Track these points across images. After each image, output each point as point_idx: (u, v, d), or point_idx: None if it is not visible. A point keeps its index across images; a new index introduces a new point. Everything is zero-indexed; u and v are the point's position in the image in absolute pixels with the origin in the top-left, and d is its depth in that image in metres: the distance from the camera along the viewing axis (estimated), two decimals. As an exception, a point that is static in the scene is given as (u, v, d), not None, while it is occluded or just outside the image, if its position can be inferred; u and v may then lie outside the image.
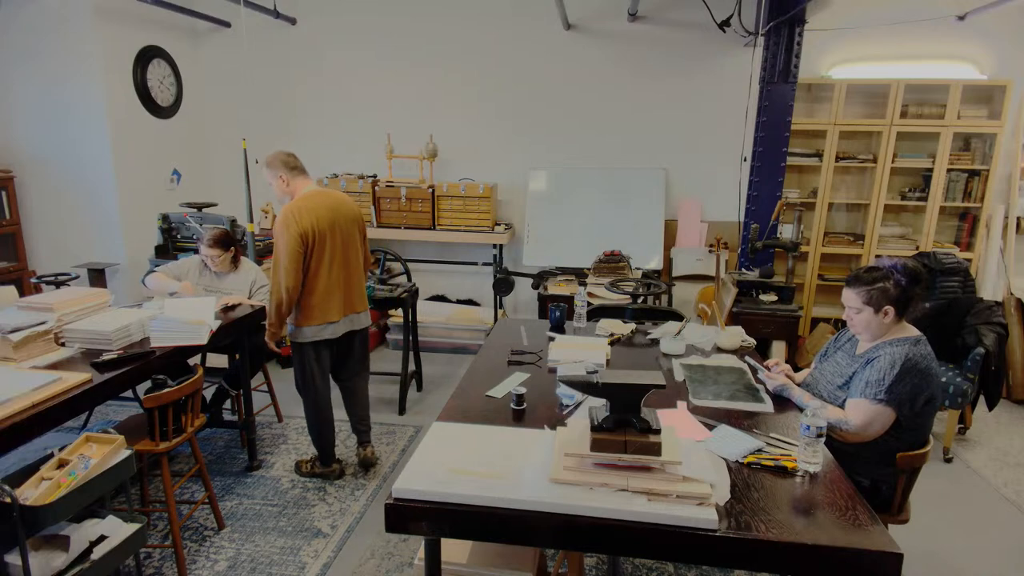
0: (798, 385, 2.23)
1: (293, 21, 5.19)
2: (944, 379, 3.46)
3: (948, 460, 3.53)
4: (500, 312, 5.21)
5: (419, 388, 4.42)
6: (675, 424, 1.78)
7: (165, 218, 4.52)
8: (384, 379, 4.50)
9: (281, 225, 2.74)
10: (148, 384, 2.56)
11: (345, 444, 3.59)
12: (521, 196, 5.22)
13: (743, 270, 4.34)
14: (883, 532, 1.43)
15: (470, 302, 5.47)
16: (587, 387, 1.63)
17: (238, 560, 2.60)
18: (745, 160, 4.59)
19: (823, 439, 1.68)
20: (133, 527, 2.12)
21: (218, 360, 3.93)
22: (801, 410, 2.07)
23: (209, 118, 5.47)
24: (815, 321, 4.83)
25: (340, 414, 3.32)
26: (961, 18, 4.45)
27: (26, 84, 4.54)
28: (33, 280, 4.31)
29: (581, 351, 2.55)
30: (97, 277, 4.52)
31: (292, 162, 2.87)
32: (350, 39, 5.18)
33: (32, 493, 1.89)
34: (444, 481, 1.56)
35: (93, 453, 2.12)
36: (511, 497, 1.49)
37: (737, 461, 1.71)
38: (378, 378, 4.54)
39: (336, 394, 3.25)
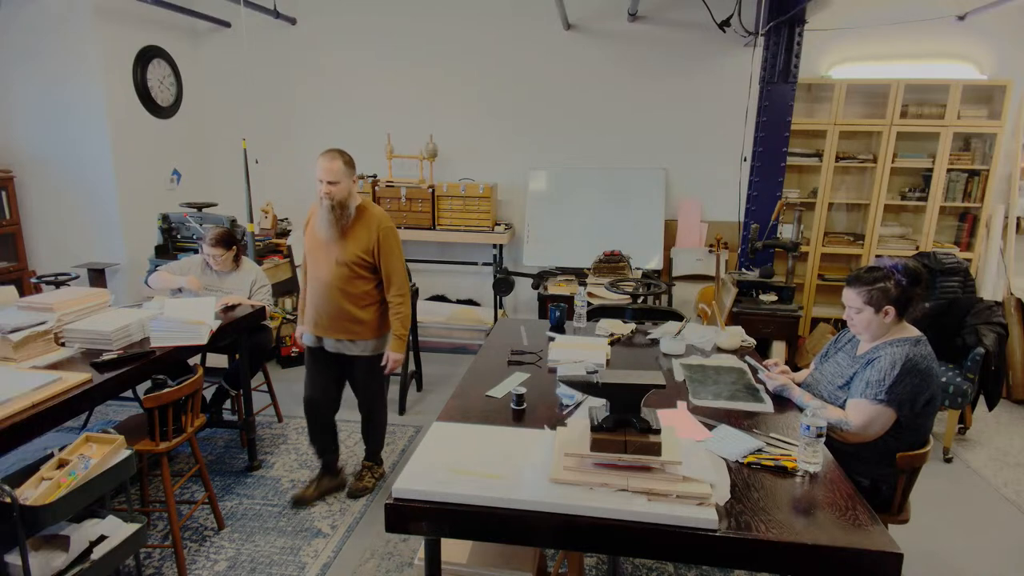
0: (798, 385, 2.23)
1: (293, 21, 5.19)
2: (944, 379, 3.46)
3: (948, 460, 3.53)
4: (500, 312, 5.21)
5: (419, 388, 4.42)
6: (675, 424, 1.78)
7: (165, 218, 4.52)
8: (384, 379, 4.50)
9: (392, 229, 2.73)
10: (148, 384, 2.56)
11: (345, 444, 3.59)
12: (521, 196, 5.22)
13: (743, 270, 4.34)
14: (883, 532, 1.43)
15: (470, 302, 5.47)
16: (587, 387, 1.63)
17: (238, 560, 2.60)
18: (745, 160, 4.59)
19: (823, 439, 1.68)
20: (133, 527, 2.12)
21: (218, 360, 3.93)
22: (801, 410, 2.07)
23: (209, 118, 5.47)
24: (815, 321, 4.83)
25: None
26: (961, 18, 4.45)
27: (26, 84, 4.54)
28: (33, 280, 4.31)
29: (581, 351, 2.55)
30: (97, 277, 4.52)
31: None
32: (350, 39, 5.18)
33: (32, 493, 1.89)
34: (444, 481, 1.56)
35: (93, 453, 2.12)
36: (511, 497, 1.49)
37: (737, 461, 1.71)
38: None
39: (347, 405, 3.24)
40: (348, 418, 3.98)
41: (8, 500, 1.76)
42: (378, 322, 2.82)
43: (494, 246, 5.14)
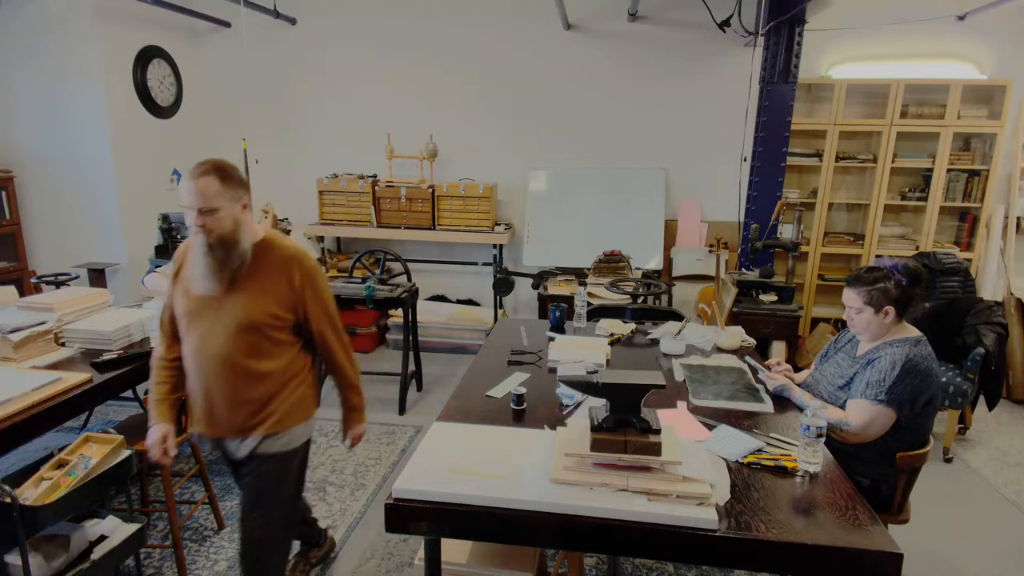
0: (798, 386, 2.23)
1: (293, 21, 5.19)
2: (944, 379, 3.46)
3: (948, 460, 3.53)
4: (500, 312, 5.21)
5: (419, 388, 4.42)
6: (675, 424, 1.78)
7: (165, 218, 4.52)
8: (384, 379, 4.50)
9: (318, 269, 1.90)
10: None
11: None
12: (521, 196, 5.22)
13: (743, 270, 4.34)
14: (883, 532, 1.43)
15: (470, 302, 5.47)
16: (587, 387, 1.63)
17: (238, 560, 2.59)
18: (745, 160, 4.59)
19: (823, 439, 1.68)
20: (133, 527, 2.12)
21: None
22: (801, 410, 2.07)
23: (209, 118, 5.47)
24: (815, 321, 4.83)
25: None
26: (961, 18, 4.45)
27: (26, 84, 4.54)
28: (33, 280, 4.31)
29: (581, 351, 2.55)
30: (97, 277, 4.52)
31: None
32: (350, 39, 5.18)
33: (32, 493, 1.89)
34: (444, 481, 1.56)
35: (93, 453, 2.12)
36: (511, 497, 1.49)
37: (737, 461, 1.71)
38: (378, 378, 4.54)
39: None
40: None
41: (8, 500, 1.76)
42: (303, 400, 1.94)
43: (494, 246, 5.14)
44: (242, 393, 1.83)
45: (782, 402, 2.15)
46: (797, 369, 2.49)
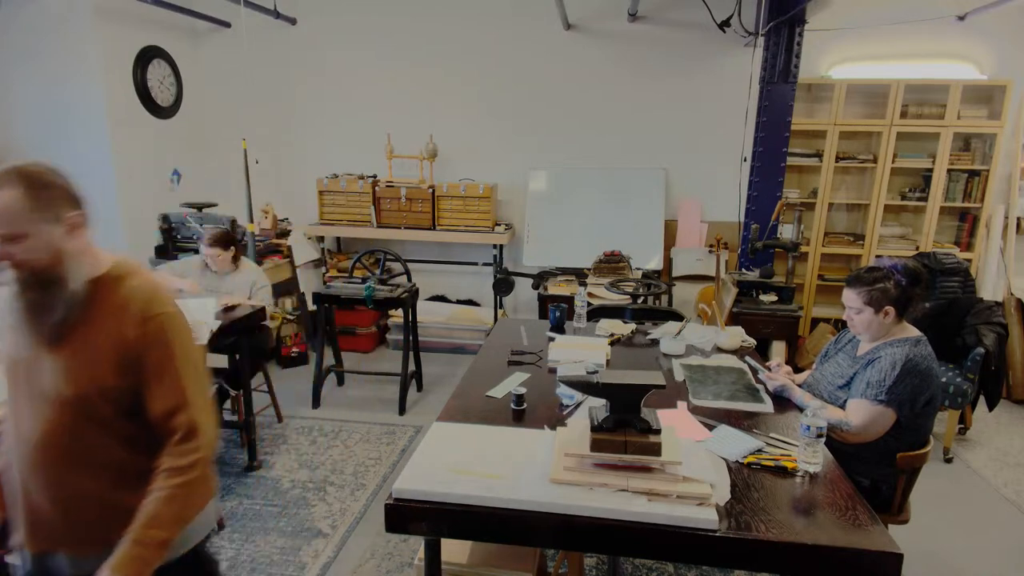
0: (799, 386, 2.23)
1: (293, 21, 5.19)
2: (944, 379, 3.46)
3: (948, 460, 3.53)
4: (500, 312, 5.21)
5: (419, 388, 4.42)
6: (675, 424, 1.78)
7: (165, 218, 4.52)
8: (384, 379, 4.50)
9: (176, 317, 1.34)
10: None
11: (345, 443, 3.59)
12: (521, 196, 5.22)
13: (743, 270, 4.34)
14: (883, 532, 1.43)
15: (470, 302, 5.47)
16: (587, 387, 1.63)
17: (238, 560, 2.60)
18: (745, 160, 4.59)
19: (823, 439, 1.68)
20: (133, 527, 2.11)
21: (218, 360, 3.93)
22: (801, 410, 2.07)
23: (209, 118, 5.46)
24: (815, 321, 4.83)
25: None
26: (961, 18, 4.45)
27: (26, 84, 4.54)
28: (33, 280, 4.30)
29: (581, 351, 2.55)
30: (97, 277, 4.51)
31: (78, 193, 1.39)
32: (350, 39, 5.18)
33: (32, 493, 1.89)
34: (444, 481, 1.56)
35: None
36: (511, 497, 1.49)
37: (737, 461, 1.71)
38: (378, 378, 4.54)
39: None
40: (347, 417, 3.99)
41: (8, 500, 1.76)
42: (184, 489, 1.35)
43: (494, 246, 5.14)
44: (72, 488, 1.29)
45: (782, 402, 2.15)
46: (798, 370, 2.49)
